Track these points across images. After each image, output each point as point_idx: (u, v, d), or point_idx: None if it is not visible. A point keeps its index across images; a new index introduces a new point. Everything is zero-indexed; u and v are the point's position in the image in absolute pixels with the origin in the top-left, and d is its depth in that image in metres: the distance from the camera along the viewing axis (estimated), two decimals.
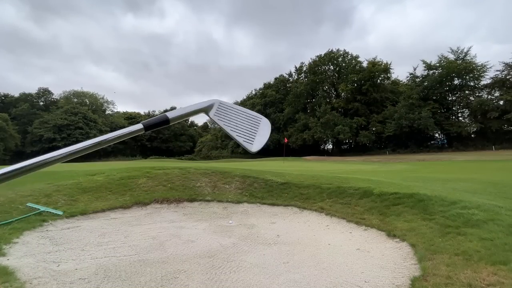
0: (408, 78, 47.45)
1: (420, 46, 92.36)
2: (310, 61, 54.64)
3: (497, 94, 37.56)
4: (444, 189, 5.52)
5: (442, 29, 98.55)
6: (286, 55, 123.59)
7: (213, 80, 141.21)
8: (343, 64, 52.72)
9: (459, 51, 40.95)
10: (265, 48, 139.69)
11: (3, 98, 62.60)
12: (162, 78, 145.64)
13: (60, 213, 4.74)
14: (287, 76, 62.22)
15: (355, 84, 48.67)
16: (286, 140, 36.06)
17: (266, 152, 53.03)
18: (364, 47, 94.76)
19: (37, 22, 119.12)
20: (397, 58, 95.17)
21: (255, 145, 0.80)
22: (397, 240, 3.53)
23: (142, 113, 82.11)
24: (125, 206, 5.59)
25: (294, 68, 59.17)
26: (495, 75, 37.41)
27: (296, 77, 59.41)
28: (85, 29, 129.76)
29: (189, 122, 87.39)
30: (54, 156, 0.58)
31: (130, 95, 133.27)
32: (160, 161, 30.02)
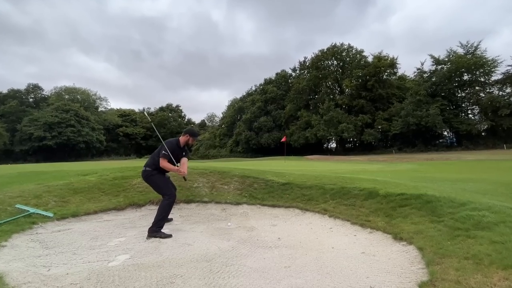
0: (415, 74, 47.40)
1: (447, 31, 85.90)
2: (313, 55, 54.57)
3: (508, 90, 37.53)
4: (453, 190, 5.51)
5: (474, 10, 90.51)
6: (294, 42, 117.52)
7: (213, 71, 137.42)
8: (347, 59, 52.63)
9: (468, 45, 40.89)
10: (270, 33, 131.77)
11: None
12: (157, 70, 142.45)
13: (51, 215, 4.74)
14: (290, 71, 62.07)
15: (360, 80, 48.60)
16: (284, 139, 35.82)
17: (267, 151, 53.11)
18: (385, 30, 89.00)
19: (16, 5, 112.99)
20: (419, 44, 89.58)
21: None
22: (404, 243, 3.52)
23: (136, 110, 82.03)
24: (119, 208, 5.59)
25: (298, 63, 59.02)
26: (507, 70, 37.34)
27: (299, 72, 59.26)
28: (67, 12, 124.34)
29: (186, 120, 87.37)
30: None
31: (123, 89, 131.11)
32: None
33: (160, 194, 4.46)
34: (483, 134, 40.17)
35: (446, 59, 41.47)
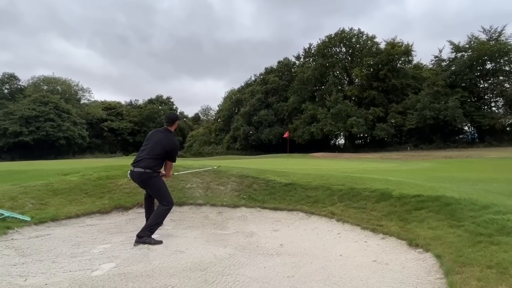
0: (432, 62, 47.35)
1: (471, 13, 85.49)
2: (319, 41, 54.37)
3: None
4: (474, 191, 5.52)
5: None
6: (299, 27, 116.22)
7: (207, 59, 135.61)
8: (357, 46, 52.52)
9: (492, 31, 40.79)
10: (273, 16, 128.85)
11: None
12: (145, 57, 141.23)
13: (28, 219, 4.73)
14: (293, 59, 61.85)
15: (371, 69, 48.56)
16: (287, 134, 35.65)
17: (268, 148, 53.20)
18: (401, 13, 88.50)
19: None
20: (439, 28, 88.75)
21: None
22: (420, 250, 3.53)
23: (123, 102, 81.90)
24: (103, 211, 5.59)
25: (303, 50, 58.78)
26: None
27: (303, 60, 59.06)
28: None
29: (178, 113, 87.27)
30: None
31: (108, 79, 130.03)
32: None
33: (159, 199, 4.41)
34: (508, 129, 40.20)
35: (467, 45, 41.39)
